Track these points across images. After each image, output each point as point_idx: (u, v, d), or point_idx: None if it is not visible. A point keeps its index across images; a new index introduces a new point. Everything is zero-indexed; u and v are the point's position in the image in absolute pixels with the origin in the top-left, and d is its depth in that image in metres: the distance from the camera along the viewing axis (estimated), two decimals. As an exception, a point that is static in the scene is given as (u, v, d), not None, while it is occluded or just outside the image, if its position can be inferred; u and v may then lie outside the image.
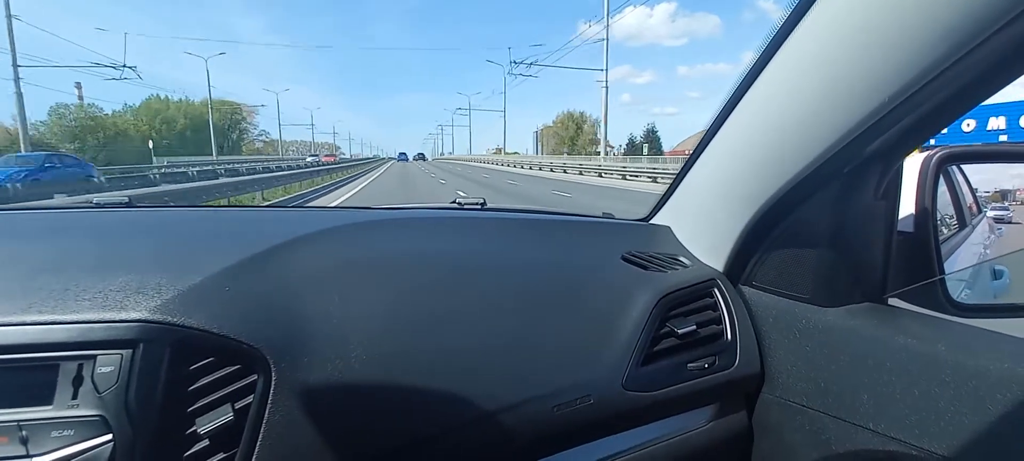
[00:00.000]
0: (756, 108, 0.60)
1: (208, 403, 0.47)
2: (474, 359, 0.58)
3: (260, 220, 0.79)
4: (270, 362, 0.48)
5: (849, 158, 0.55)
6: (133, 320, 0.46)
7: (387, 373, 0.54)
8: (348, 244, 0.66)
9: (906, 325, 0.59)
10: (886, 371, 0.56)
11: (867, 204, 0.61)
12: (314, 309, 0.54)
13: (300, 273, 0.58)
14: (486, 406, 0.56)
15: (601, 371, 0.62)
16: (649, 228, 0.87)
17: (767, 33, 0.54)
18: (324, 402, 0.50)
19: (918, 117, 0.49)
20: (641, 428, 0.66)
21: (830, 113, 0.51)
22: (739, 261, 0.73)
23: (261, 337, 0.49)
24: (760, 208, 0.65)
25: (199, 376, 0.47)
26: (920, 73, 0.43)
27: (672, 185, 0.84)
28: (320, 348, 0.52)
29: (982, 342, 0.53)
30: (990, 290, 0.73)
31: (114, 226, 0.69)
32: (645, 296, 0.68)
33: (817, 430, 0.62)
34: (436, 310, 0.60)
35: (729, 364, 0.68)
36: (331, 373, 0.51)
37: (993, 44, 0.39)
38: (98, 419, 0.43)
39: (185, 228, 0.72)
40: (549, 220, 0.86)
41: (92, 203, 0.82)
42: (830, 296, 0.64)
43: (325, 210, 0.83)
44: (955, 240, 0.73)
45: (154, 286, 0.49)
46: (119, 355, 0.44)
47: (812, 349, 0.64)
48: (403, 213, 0.81)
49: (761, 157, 0.62)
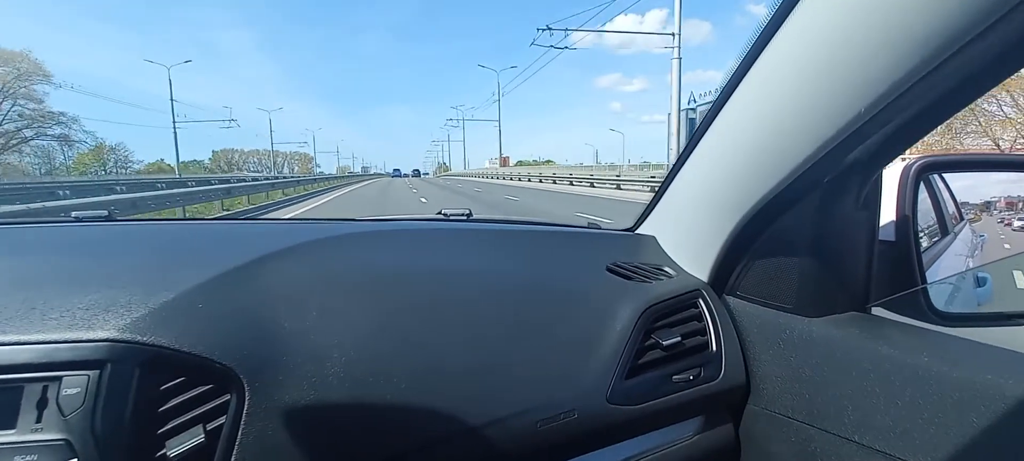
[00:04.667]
0: (736, 118, 0.60)
1: (179, 424, 0.45)
2: (456, 375, 0.57)
3: (243, 234, 0.78)
4: (243, 381, 0.47)
5: (829, 168, 0.56)
6: (100, 339, 0.45)
7: (366, 391, 0.53)
8: (329, 258, 0.65)
9: (889, 335, 0.59)
10: (870, 382, 0.56)
11: (848, 213, 0.61)
12: (291, 326, 0.53)
13: (278, 288, 0.57)
14: (468, 422, 0.55)
15: (585, 385, 0.61)
16: (634, 238, 0.86)
17: (746, 43, 0.54)
18: (300, 422, 0.49)
19: (895, 128, 0.49)
20: (627, 442, 0.65)
21: (808, 124, 0.51)
22: (723, 271, 0.73)
23: (235, 355, 0.48)
24: (743, 217, 0.65)
25: (170, 396, 0.46)
26: (894, 84, 0.43)
27: (657, 194, 0.84)
28: (296, 366, 0.51)
29: (965, 352, 0.53)
30: (973, 298, 0.73)
31: (90, 241, 0.68)
32: (629, 308, 0.68)
33: (803, 442, 0.62)
34: (417, 325, 0.59)
35: (714, 376, 0.68)
36: (308, 392, 0.50)
37: (966, 55, 0.40)
38: (62, 443, 0.42)
39: (164, 242, 0.71)
40: (535, 231, 0.86)
41: (71, 217, 0.80)
42: (814, 306, 0.64)
43: (309, 223, 0.82)
44: (937, 248, 0.73)
45: (124, 303, 0.48)
46: (85, 376, 0.43)
47: (796, 360, 0.63)
48: (387, 225, 0.80)
49: (742, 166, 0.62)
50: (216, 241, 0.72)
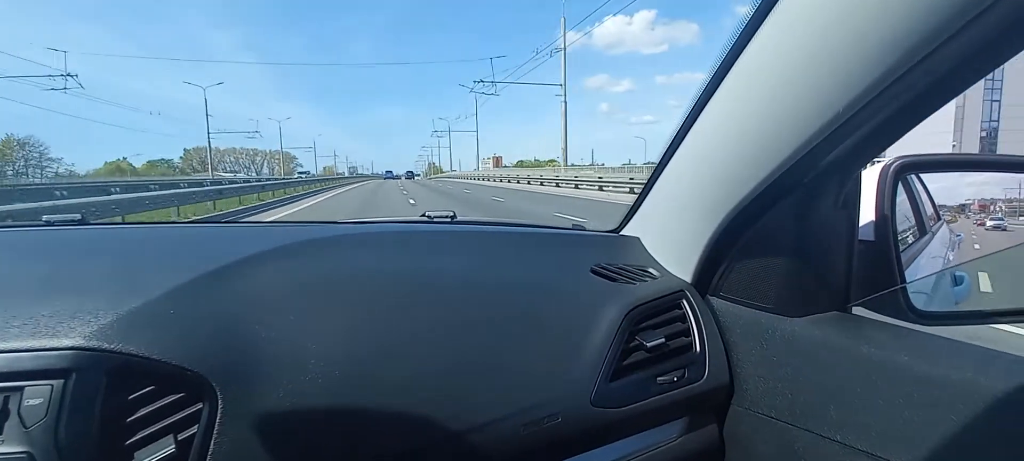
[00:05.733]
0: (716, 119, 0.60)
1: (148, 435, 0.44)
2: (438, 379, 0.56)
3: (220, 237, 0.76)
4: (216, 389, 0.46)
5: (808, 169, 0.56)
6: (65, 348, 0.43)
7: (345, 398, 0.52)
8: (308, 262, 0.64)
9: (869, 334, 0.59)
10: (850, 381, 0.56)
11: (828, 214, 0.62)
12: (267, 332, 0.52)
13: (254, 293, 0.55)
14: (450, 428, 0.54)
15: (569, 388, 0.61)
16: (619, 239, 0.86)
17: (723, 45, 0.54)
18: (275, 430, 0.48)
19: (871, 129, 0.50)
20: (611, 445, 0.65)
21: (786, 125, 0.52)
22: (707, 272, 0.73)
23: (207, 363, 0.47)
24: (725, 218, 0.65)
25: (138, 406, 0.44)
26: (870, 86, 0.44)
27: (641, 195, 0.84)
28: (272, 373, 0.49)
29: (942, 350, 0.54)
30: (951, 296, 0.74)
31: (61, 245, 0.66)
32: (614, 310, 0.67)
33: (786, 442, 0.62)
34: (399, 329, 0.58)
35: (698, 376, 0.68)
36: (283, 399, 0.49)
37: (939, 56, 0.40)
38: (24, 456, 0.40)
39: (138, 246, 0.69)
40: (519, 233, 0.85)
41: (42, 221, 0.78)
42: (795, 306, 0.64)
43: (290, 225, 0.80)
44: (916, 247, 0.74)
45: (91, 310, 0.46)
46: (49, 386, 0.42)
47: (779, 359, 0.64)
48: (370, 228, 0.79)
49: (723, 167, 0.62)
50: (192, 245, 0.70)
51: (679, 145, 0.68)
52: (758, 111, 0.54)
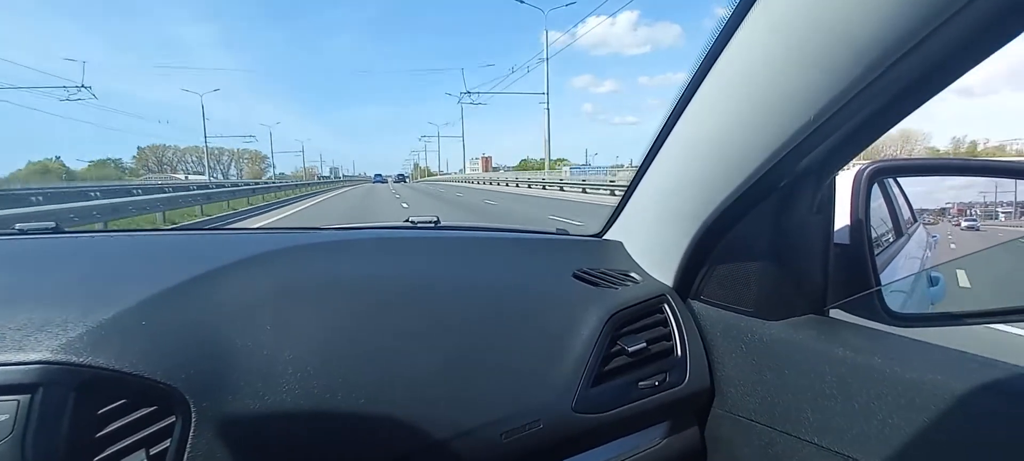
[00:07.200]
0: (695, 124, 0.61)
1: (119, 450, 0.43)
2: (418, 387, 0.56)
3: (197, 245, 0.75)
4: (189, 402, 0.45)
5: (783, 174, 0.57)
6: (32, 362, 0.42)
7: (324, 407, 0.51)
8: (287, 269, 0.63)
9: (845, 337, 0.60)
10: (827, 384, 0.57)
11: (804, 218, 0.62)
12: (242, 341, 0.51)
13: (229, 303, 0.54)
14: (431, 436, 0.54)
15: (551, 394, 0.61)
16: (602, 244, 0.86)
17: (700, 51, 0.55)
18: (251, 443, 0.47)
19: (843, 134, 0.51)
20: (593, 451, 0.65)
21: (760, 131, 0.52)
22: (687, 276, 0.74)
23: (180, 375, 0.46)
24: (704, 222, 0.66)
25: (109, 421, 0.43)
26: (841, 93, 0.44)
27: (623, 199, 0.84)
28: (247, 384, 0.49)
29: (915, 353, 0.54)
30: (926, 298, 0.76)
31: (33, 255, 0.65)
32: (596, 314, 0.67)
33: (766, 445, 0.63)
34: (378, 337, 0.57)
35: (679, 380, 0.68)
36: (259, 410, 0.48)
37: (908, 62, 0.41)
38: None
39: (111, 255, 0.68)
40: (502, 238, 0.85)
41: (15, 229, 0.76)
42: (774, 309, 0.65)
43: (270, 232, 0.79)
44: (892, 250, 0.75)
45: (59, 322, 0.45)
46: (15, 401, 0.41)
47: (758, 363, 0.64)
48: (352, 234, 0.78)
49: (701, 172, 0.63)
50: (167, 253, 0.69)
51: (659, 149, 0.68)
52: (733, 116, 0.54)
